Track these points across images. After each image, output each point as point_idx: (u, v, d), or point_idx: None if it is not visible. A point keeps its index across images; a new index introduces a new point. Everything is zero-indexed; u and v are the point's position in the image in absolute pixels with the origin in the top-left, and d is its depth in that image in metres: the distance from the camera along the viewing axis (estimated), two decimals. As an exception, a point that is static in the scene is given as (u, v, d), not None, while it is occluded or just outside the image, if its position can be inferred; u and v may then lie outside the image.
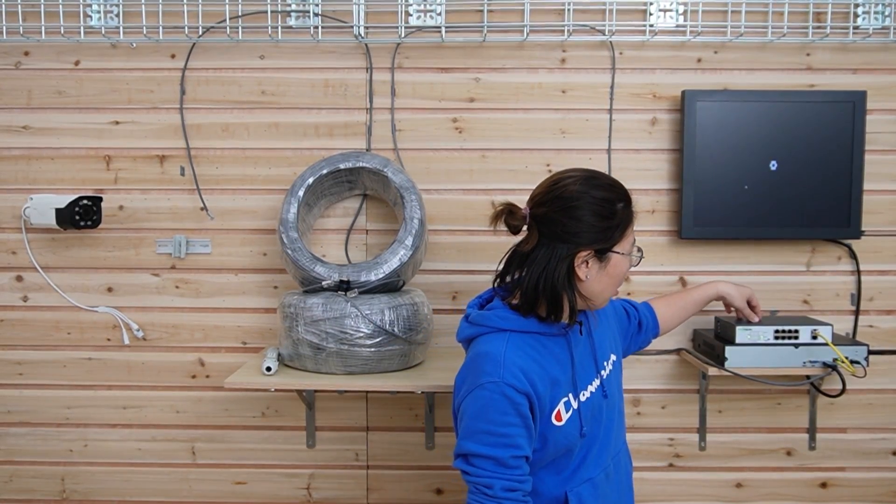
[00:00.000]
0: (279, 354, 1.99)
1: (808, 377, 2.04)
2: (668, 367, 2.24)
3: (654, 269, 2.22)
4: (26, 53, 2.23)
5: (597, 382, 1.47)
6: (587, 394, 1.44)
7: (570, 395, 1.41)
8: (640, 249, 1.44)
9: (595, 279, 1.37)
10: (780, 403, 2.25)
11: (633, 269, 1.46)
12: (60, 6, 2.15)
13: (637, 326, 1.73)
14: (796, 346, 1.98)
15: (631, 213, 1.39)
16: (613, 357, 1.56)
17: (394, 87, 2.21)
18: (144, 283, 2.26)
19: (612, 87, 2.20)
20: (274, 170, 2.23)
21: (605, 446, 1.47)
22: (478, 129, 2.21)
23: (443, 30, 2.17)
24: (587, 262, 1.35)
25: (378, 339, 1.89)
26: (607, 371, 1.51)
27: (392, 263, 1.96)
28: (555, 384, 1.38)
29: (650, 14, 2.16)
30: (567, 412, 1.39)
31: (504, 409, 1.31)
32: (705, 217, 2.14)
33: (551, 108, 2.21)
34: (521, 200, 1.43)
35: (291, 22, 2.18)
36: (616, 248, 1.37)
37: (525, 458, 1.34)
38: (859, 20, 2.15)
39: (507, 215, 1.40)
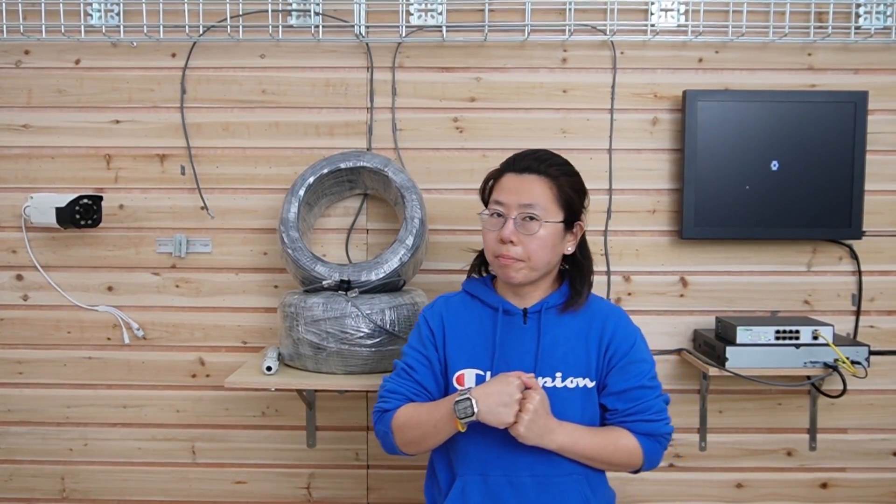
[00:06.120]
0: (279, 354, 1.99)
1: (808, 378, 2.04)
2: (669, 367, 2.24)
3: (655, 269, 2.22)
4: (27, 52, 2.23)
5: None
6: None
7: (488, 373, 1.48)
8: (496, 215, 1.50)
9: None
10: (780, 404, 2.25)
11: (635, 270, 1.45)
12: (61, 5, 2.15)
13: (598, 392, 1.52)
14: (797, 346, 1.98)
15: (489, 185, 1.54)
16: (576, 381, 1.47)
17: (395, 87, 2.21)
18: (145, 282, 2.26)
19: (613, 87, 2.20)
20: (274, 169, 2.23)
21: (513, 449, 1.42)
22: (479, 129, 2.21)
23: (444, 29, 2.16)
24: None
25: (378, 339, 1.88)
26: (553, 384, 1.46)
27: (393, 263, 1.96)
28: (465, 344, 1.51)
29: (651, 14, 2.16)
30: (475, 385, 1.46)
31: (418, 332, 1.58)
32: (706, 217, 2.13)
33: (552, 108, 2.21)
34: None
35: (292, 21, 2.18)
36: (484, 211, 1.54)
37: (412, 377, 1.53)
38: (861, 20, 2.14)
39: None
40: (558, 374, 1.47)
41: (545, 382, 1.47)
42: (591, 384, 1.48)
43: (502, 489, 1.45)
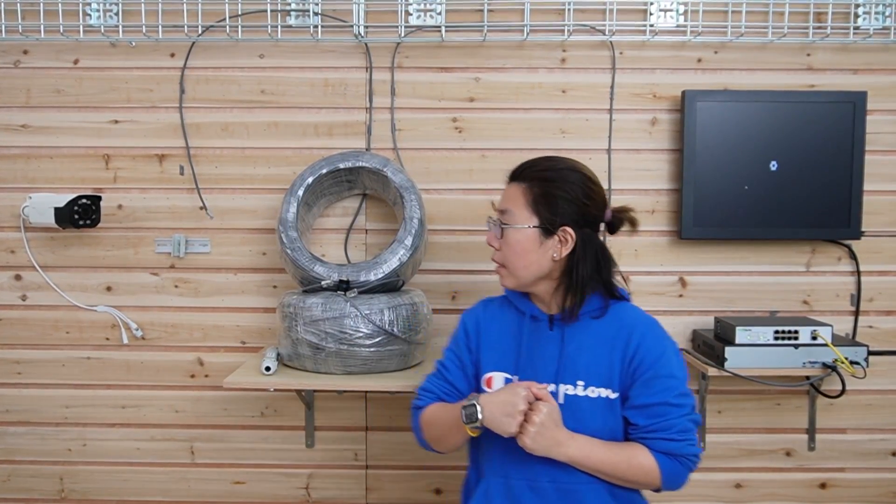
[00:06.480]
0: (278, 354, 1.99)
1: (807, 378, 2.04)
2: (668, 367, 2.24)
3: (654, 269, 2.22)
4: (25, 52, 2.23)
5: (548, 387, 1.42)
6: None
7: (516, 378, 1.49)
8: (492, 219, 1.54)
9: None
10: (779, 404, 2.25)
11: (634, 270, 1.44)
12: (60, 5, 2.14)
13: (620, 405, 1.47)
14: (796, 346, 1.98)
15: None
16: (598, 391, 1.44)
17: (394, 87, 2.21)
18: (143, 282, 2.25)
19: (612, 87, 2.20)
20: (273, 169, 2.22)
21: (532, 455, 1.39)
22: (477, 129, 2.21)
23: (443, 29, 2.16)
24: None
25: (377, 339, 1.88)
26: (574, 392, 1.44)
27: (391, 263, 1.96)
28: (497, 347, 1.52)
29: (650, 14, 2.15)
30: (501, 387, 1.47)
31: (455, 334, 1.61)
32: (705, 217, 2.13)
33: (551, 108, 2.20)
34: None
35: (291, 21, 2.18)
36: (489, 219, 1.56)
37: (444, 377, 1.57)
38: (860, 20, 2.15)
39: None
40: (580, 383, 1.44)
41: (566, 390, 1.44)
42: (613, 395, 1.44)
43: (523, 493, 1.45)
